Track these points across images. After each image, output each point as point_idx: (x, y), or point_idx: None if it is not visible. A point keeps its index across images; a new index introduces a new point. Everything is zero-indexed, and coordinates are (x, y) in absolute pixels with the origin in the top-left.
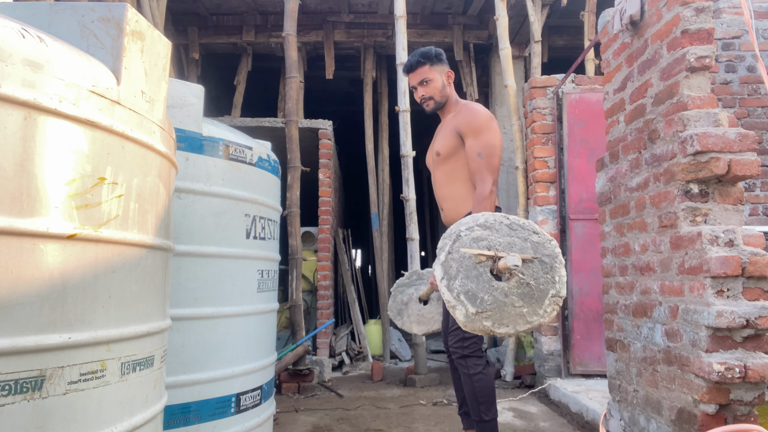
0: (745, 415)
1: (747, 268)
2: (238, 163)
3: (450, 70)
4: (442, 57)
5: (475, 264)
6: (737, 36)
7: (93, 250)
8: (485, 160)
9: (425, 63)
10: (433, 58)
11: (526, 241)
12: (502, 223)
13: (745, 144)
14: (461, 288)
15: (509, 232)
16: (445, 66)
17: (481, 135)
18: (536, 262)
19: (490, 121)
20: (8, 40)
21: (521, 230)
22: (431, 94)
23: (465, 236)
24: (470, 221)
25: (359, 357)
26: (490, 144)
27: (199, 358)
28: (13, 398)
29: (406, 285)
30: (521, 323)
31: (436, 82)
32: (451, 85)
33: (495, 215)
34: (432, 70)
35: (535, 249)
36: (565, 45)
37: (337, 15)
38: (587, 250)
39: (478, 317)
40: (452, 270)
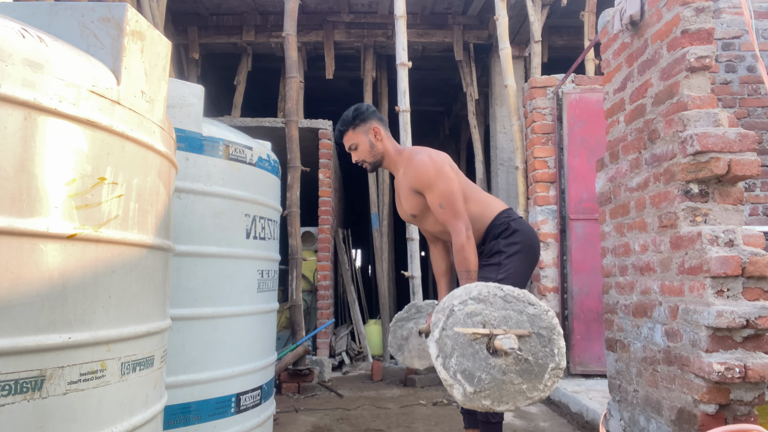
0: (745, 415)
1: (747, 268)
2: (238, 163)
3: (377, 126)
4: (364, 116)
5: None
6: (737, 36)
7: (93, 250)
8: (448, 208)
9: (346, 130)
10: (352, 122)
11: (522, 313)
12: (496, 296)
13: (745, 144)
14: (457, 367)
15: (504, 304)
16: (369, 123)
17: (435, 187)
18: (533, 337)
19: (436, 169)
20: (8, 40)
21: (516, 302)
22: (362, 158)
23: (458, 311)
24: (463, 294)
25: (359, 357)
26: (446, 192)
27: (199, 358)
28: (13, 398)
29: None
30: (521, 399)
31: (363, 145)
32: (383, 139)
33: (488, 287)
34: (355, 134)
35: (532, 322)
36: (565, 45)
37: (337, 15)
38: (587, 250)
39: (476, 396)
40: (447, 348)
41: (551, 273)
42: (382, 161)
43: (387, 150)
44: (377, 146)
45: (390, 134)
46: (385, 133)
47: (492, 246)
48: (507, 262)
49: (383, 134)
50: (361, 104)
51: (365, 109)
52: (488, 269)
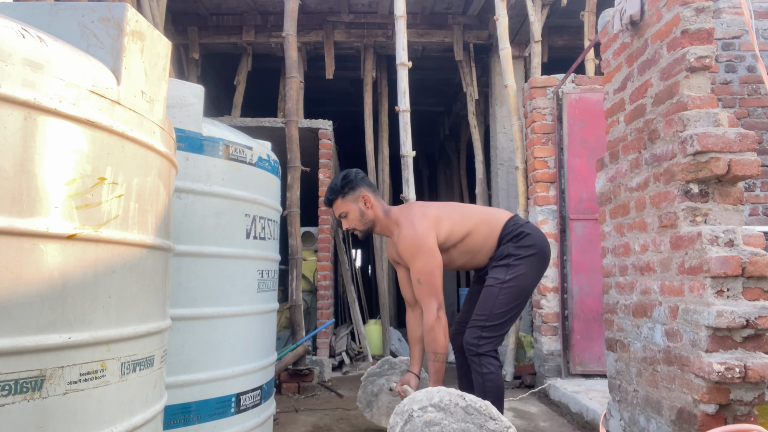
0: (745, 415)
1: (747, 268)
2: (238, 163)
3: (366, 193)
4: (353, 184)
5: None
6: (737, 36)
7: (93, 250)
8: (424, 285)
9: (335, 198)
10: (340, 191)
11: (482, 428)
12: (457, 405)
13: (745, 144)
14: None
15: (464, 416)
16: (359, 191)
17: (415, 261)
18: None
19: (417, 246)
20: (8, 40)
21: (477, 415)
22: (353, 226)
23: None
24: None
25: (359, 357)
26: (425, 269)
27: (199, 358)
28: (13, 398)
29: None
30: None
31: (353, 213)
32: (373, 206)
33: (451, 394)
34: (345, 202)
35: None
36: (565, 45)
37: (337, 15)
38: (587, 250)
39: None
40: None
41: (551, 273)
42: (374, 228)
43: (378, 217)
44: (367, 214)
45: (379, 198)
46: (375, 199)
47: (503, 250)
48: (517, 264)
49: (373, 201)
50: (349, 171)
51: (354, 176)
52: (498, 270)
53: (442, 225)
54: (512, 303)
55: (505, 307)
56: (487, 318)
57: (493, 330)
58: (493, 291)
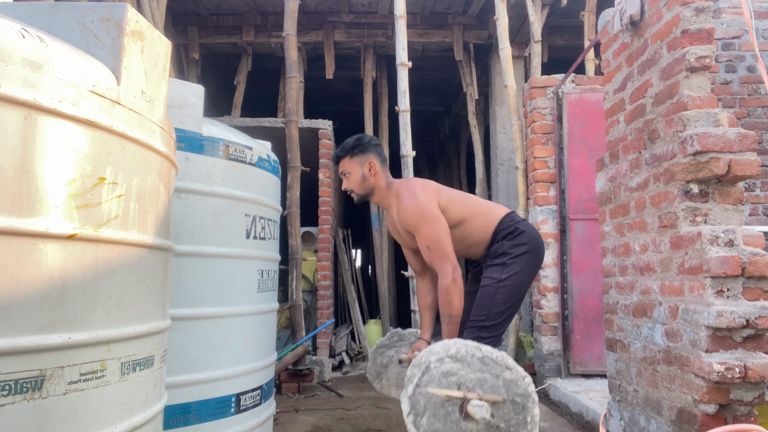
0: (745, 415)
1: (747, 268)
2: (238, 163)
3: (373, 160)
4: (363, 147)
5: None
6: (737, 36)
7: (93, 250)
8: (435, 251)
9: (343, 156)
10: (350, 150)
11: (498, 378)
12: (474, 356)
13: (745, 144)
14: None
15: (481, 366)
16: (367, 156)
17: (421, 229)
18: (507, 403)
19: (422, 213)
20: (8, 40)
21: (494, 365)
22: (351, 187)
23: (434, 369)
24: (441, 351)
25: (359, 357)
26: (432, 234)
27: (199, 358)
28: (13, 398)
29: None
30: None
31: (355, 175)
32: (377, 174)
33: (467, 346)
34: (351, 162)
35: (507, 387)
36: (565, 45)
37: (337, 15)
38: (587, 250)
39: None
40: (419, 406)
41: (551, 273)
42: (371, 195)
43: (378, 186)
44: (369, 180)
45: (387, 169)
46: (381, 168)
47: (497, 248)
48: (512, 263)
49: (378, 169)
50: (364, 135)
51: (367, 141)
52: (493, 269)
53: (441, 195)
54: (509, 302)
55: (502, 306)
56: (486, 318)
57: (491, 330)
58: (490, 291)
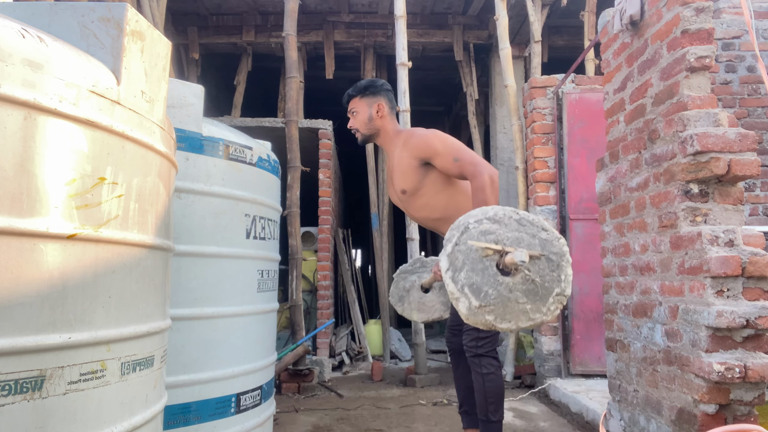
0: (745, 415)
1: (747, 268)
2: (238, 163)
3: (383, 102)
4: (375, 89)
5: (481, 257)
6: (737, 36)
7: (93, 250)
8: (463, 159)
9: (354, 95)
10: (362, 90)
11: (535, 237)
12: (511, 218)
13: (745, 144)
14: (466, 280)
15: (518, 227)
16: (377, 98)
17: (443, 148)
18: (543, 260)
19: (440, 135)
20: (8, 40)
21: (530, 226)
22: (356, 126)
23: (473, 228)
24: (479, 213)
25: (359, 357)
26: (456, 147)
27: (199, 358)
28: (13, 398)
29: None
30: (523, 320)
31: (362, 114)
32: (384, 117)
33: (504, 209)
34: (360, 102)
35: (543, 246)
36: (565, 45)
37: (337, 15)
38: (587, 250)
39: (480, 311)
40: (458, 262)
41: None
42: (376, 137)
43: (385, 128)
44: (375, 121)
45: (395, 116)
46: (389, 112)
47: None
48: None
49: (386, 112)
50: (377, 79)
51: (379, 84)
52: None
53: None
54: None
55: None
56: None
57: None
58: None
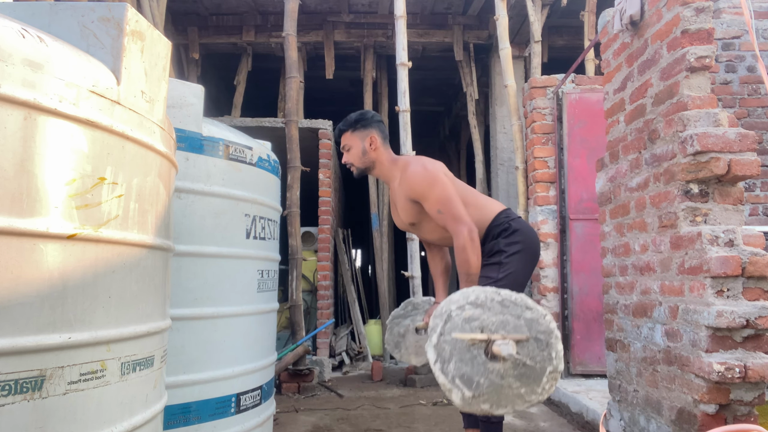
0: (745, 415)
1: (747, 268)
2: (238, 163)
3: (375, 135)
4: (366, 122)
5: (468, 346)
6: (737, 36)
7: (93, 250)
8: (446, 213)
9: (345, 130)
10: (352, 124)
11: (520, 318)
12: (493, 300)
13: (745, 144)
14: (456, 372)
15: (501, 309)
16: (369, 131)
17: (430, 194)
18: (531, 341)
19: (430, 177)
20: (8, 40)
21: (514, 307)
22: (351, 161)
23: (456, 316)
24: (461, 299)
25: (359, 357)
26: (442, 197)
27: (199, 358)
28: (13, 398)
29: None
30: (520, 403)
31: (356, 149)
32: (378, 149)
33: (486, 291)
34: (352, 136)
35: (530, 326)
36: (565, 45)
37: (337, 15)
38: (587, 250)
39: (475, 401)
40: (445, 353)
41: (551, 273)
42: (371, 169)
43: (380, 160)
44: (369, 154)
45: (388, 145)
46: (382, 143)
47: (492, 246)
48: (507, 261)
49: (379, 144)
50: (367, 111)
51: (370, 116)
52: (489, 268)
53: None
54: None
55: None
56: None
57: None
58: None
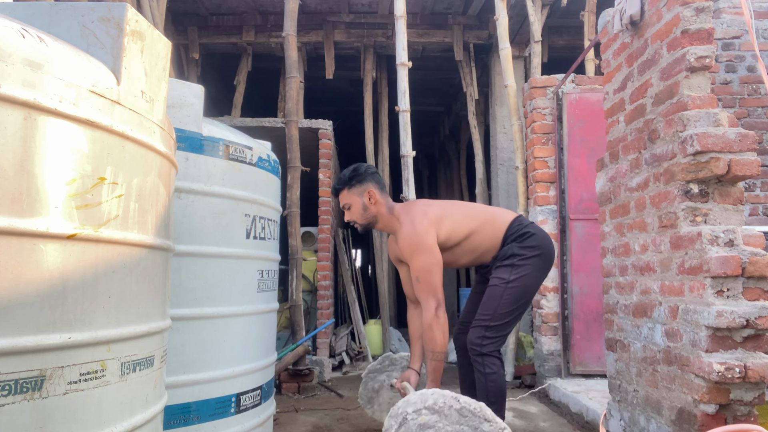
0: (745, 415)
1: (747, 268)
2: (238, 163)
3: (372, 189)
4: (360, 177)
5: None
6: (737, 36)
7: (93, 250)
8: (423, 284)
9: (342, 189)
10: (347, 182)
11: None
12: (452, 407)
13: (745, 144)
14: None
15: (459, 419)
16: (365, 185)
17: (413, 260)
18: None
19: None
20: (8, 40)
21: (472, 417)
22: (354, 219)
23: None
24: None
25: (359, 357)
26: (423, 267)
27: (199, 358)
28: (13, 398)
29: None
30: None
31: (356, 206)
32: (378, 202)
33: (445, 397)
34: (350, 194)
35: None
36: (565, 45)
37: (337, 15)
38: (587, 250)
39: None
40: None
41: (551, 273)
42: (375, 224)
43: (381, 213)
44: (370, 209)
45: (386, 195)
46: (381, 195)
47: (507, 249)
48: (521, 264)
49: (378, 197)
50: (360, 165)
51: (363, 170)
52: (502, 270)
53: (443, 224)
54: (516, 303)
55: (509, 307)
56: (491, 318)
57: (496, 330)
58: (498, 291)
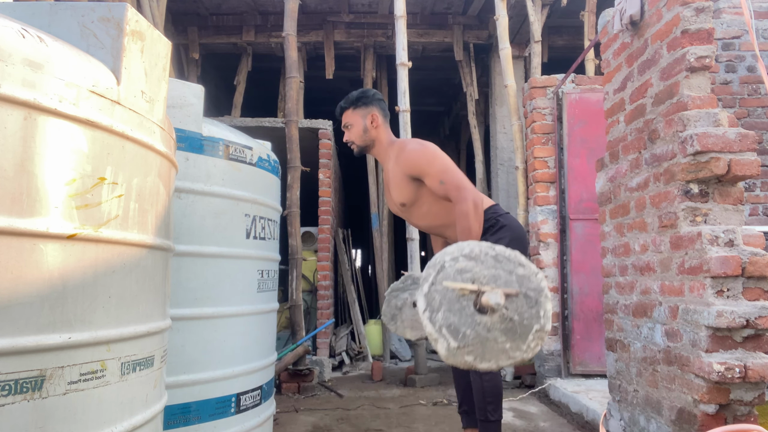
0: (745, 415)
1: (747, 268)
2: (238, 163)
3: (376, 113)
4: (367, 100)
5: (458, 297)
6: (737, 36)
7: (93, 250)
8: (449, 183)
9: (347, 108)
10: (354, 102)
11: (512, 273)
12: (487, 255)
13: (745, 144)
14: (443, 321)
15: (494, 264)
16: (370, 108)
17: (431, 168)
18: (521, 297)
19: (429, 152)
20: (8, 40)
21: (507, 262)
22: (352, 139)
23: (449, 267)
24: (456, 251)
25: (359, 357)
26: (443, 168)
27: (199, 358)
28: (13, 398)
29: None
30: (503, 358)
31: (357, 126)
32: (379, 127)
33: (481, 246)
34: (354, 114)
35: (521, 282)
36: (565, 45)
37: (337, 15)
38: (587, 250)
39: (459, 352)
40: (435, 302)
41: (551, 273)
42: (371, 147)
43: (379, 139)
44: (370, 132)
45: (388, 125)
46: (383, 122)
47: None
48: None
49: (380, 122)
50: (369, 89)
51: (371, 94)
52: None
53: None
54: None
55: None
56: None
57: None
58: None
